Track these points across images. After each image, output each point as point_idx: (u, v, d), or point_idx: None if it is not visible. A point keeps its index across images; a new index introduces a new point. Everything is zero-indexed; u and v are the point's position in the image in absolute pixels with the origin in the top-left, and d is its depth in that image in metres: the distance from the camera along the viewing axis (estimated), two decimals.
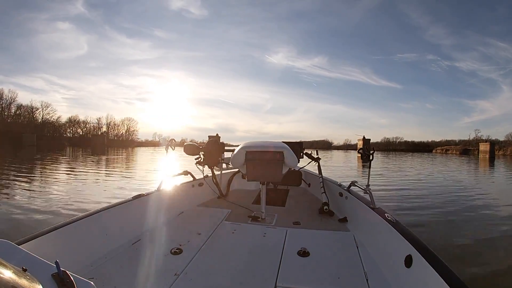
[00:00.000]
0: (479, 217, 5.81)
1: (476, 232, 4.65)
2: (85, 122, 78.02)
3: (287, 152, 2.24)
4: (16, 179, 9.43)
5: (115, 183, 9.36)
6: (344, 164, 24.95)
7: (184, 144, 2.83)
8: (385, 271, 1.57)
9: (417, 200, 7.41)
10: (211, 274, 1.59)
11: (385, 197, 7.57)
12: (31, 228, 3.96)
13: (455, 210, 6.28)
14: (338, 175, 14.69)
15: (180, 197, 2.68)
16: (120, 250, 1.83)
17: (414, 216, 5.60)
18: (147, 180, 10.10)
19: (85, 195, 6.95)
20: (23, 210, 5.31)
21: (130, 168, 16.01)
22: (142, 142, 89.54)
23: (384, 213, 1.88)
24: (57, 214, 5.01)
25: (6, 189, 7.56)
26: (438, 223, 5.17)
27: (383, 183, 10.63)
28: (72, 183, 9.17)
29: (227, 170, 3.38)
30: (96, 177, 10.83)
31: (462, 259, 3.46)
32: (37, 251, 0.92)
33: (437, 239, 4.23)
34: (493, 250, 3.91)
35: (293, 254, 1.79)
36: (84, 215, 1.78)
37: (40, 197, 6.57)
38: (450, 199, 7.70)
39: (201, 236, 2.08)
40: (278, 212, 2.64)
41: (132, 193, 2.37)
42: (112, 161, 20.55)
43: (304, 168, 3.48)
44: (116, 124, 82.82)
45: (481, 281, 2.94)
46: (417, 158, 39.03)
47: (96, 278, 1.47)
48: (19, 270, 0.68)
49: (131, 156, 28.40)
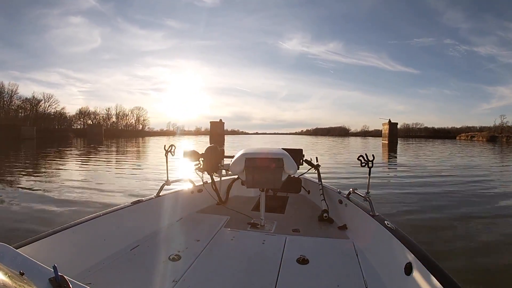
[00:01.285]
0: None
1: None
2: (95, 113, 77.00)
3: (286, 159, 2.23)
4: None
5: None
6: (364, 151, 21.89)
7: (184, 150, 2.80)
8: (385, 279, 1.56)
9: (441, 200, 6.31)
10: (210, 280, 1.58)
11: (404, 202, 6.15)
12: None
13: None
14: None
15: (179, 203, 2.66)
16: (118, 255, 1.82)
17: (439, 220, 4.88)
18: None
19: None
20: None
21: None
22: (154, 132, 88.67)
23: (384, 220, 1.85)
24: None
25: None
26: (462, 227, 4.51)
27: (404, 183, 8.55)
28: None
29: (226, 177, 3.34)
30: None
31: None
32: (35, 255, 0.93)
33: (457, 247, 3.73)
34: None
35: (292, 262, 1.79)
36: (83, 220, 1.77)
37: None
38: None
39: (200, 243, 2.07)
40: (277, 219, 2.62)
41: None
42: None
43: (303, 175, 3.45)
44: (126, 114, 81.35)
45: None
46: (443, 145, 35.79)
47: (94, 284, 1.47)
48: (16, 274, 0.69)
49: (122, 150, 24.96)
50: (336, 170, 11.02)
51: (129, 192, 6.58)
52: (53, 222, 4.19)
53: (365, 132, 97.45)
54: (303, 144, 38.68)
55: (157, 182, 7.57)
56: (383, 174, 10.92)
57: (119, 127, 78.61)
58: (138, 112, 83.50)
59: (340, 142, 48.00)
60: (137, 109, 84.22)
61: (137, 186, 7.42)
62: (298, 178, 3.23)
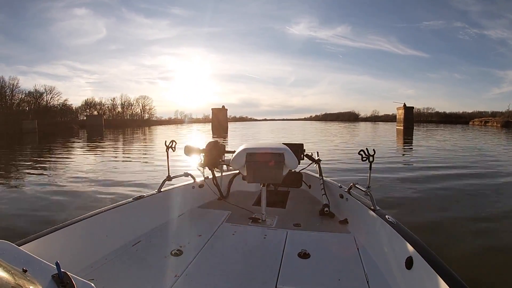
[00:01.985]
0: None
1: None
2: (100, 103, 76.15)
3: (287, 153, 2.23)
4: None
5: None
6: (375, 138, 20.29)
7: (185, 145, 2.79)
8: (386, 273, 1.57)
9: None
10: (211, 275, 1.59)
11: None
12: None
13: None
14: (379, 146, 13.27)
15: (181, 198, 2.66)
16: (121, 251, 1.84)
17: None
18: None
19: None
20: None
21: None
22: (162, 121, 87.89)
23: (385, 215, 1.86)
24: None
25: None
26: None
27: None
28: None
29: (227, 172, 3.32)
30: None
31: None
32: (38, 252, 0.93)
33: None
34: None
35: (293, 256, 1.79)
36: (85, 216, 1.78)
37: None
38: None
39: (202, 238, 2.08)
40: (278, 214, 2.62)
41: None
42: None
43: (304, 169, 3.41)
44: (131, 104, 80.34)
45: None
46: (464, 131, 33.31)
47: (96, 279, 1.47)
48: (19, 271, 0.69)
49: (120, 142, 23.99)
50: (337, 164, 10.43)
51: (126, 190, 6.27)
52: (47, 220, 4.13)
53: (375, 117, 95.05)
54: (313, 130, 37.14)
55: (157, 179, 7.32)
56: (397, 165, 9.82)
57: (125, 117, 77.76)
58: (144, 101, 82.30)
59: (348, 127, 46.33)
60: (142, 98, 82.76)
61: (138, 183, 7.06)
62: (299, 172, 3.21)
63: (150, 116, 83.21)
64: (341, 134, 29.58)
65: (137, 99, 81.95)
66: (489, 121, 63.57)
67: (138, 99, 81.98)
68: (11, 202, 5.62)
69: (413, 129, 39.28)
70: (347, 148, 15.73)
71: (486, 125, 61.00)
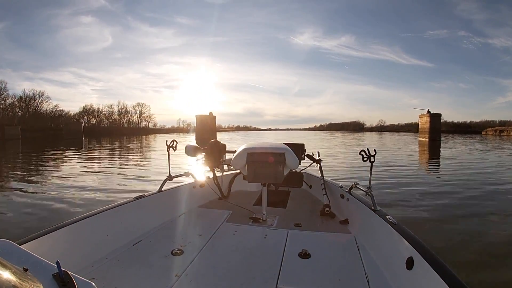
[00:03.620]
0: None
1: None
2: (98, 110, 74.06)
3: (288, 153, 2.23)
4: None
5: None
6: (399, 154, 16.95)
7: (186, 145, 2.79)
8: (386, 273, 1.57)
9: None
10: (212, 275, 1.59)
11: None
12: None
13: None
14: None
15: (181, 198, 2.66)
16: (121, 250, 1.83)
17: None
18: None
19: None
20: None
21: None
22: (166, 129, 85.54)
23: (386, 215, 1.85)
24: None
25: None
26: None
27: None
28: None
29: (228, 172, 3.32)
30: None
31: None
32: (38, 251, 0.93)
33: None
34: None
35: (294, 256, 1.79)
36: (86, 216, 1.78)
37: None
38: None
39: (202, 237, 2.08)
40: (279, 214, 2.62)
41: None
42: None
43: (305, 169, 3.42)
44: (128, 111, 78.00)
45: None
46: (493, 143, 29.46)
47: (97, 279, 1.47)
48: (20, 270, 0.69)
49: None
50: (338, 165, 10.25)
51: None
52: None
53: (381, 127, 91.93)
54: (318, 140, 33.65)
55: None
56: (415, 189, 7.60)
57: (122, 124, 75.37)
58: (141, 108, 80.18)
59: (354, 138, 42.81)
60: (139, 105, 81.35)
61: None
62: (299, 172, 3.19)
63: (147, 123, 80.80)
64: (350, 145, 26.15)
65: (134, 106, 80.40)
66: (504, 131, 61.01)
67: (135, 106, 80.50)
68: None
69: (440, 142, 32.81)
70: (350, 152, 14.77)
71: (501, 135, 58.01)
